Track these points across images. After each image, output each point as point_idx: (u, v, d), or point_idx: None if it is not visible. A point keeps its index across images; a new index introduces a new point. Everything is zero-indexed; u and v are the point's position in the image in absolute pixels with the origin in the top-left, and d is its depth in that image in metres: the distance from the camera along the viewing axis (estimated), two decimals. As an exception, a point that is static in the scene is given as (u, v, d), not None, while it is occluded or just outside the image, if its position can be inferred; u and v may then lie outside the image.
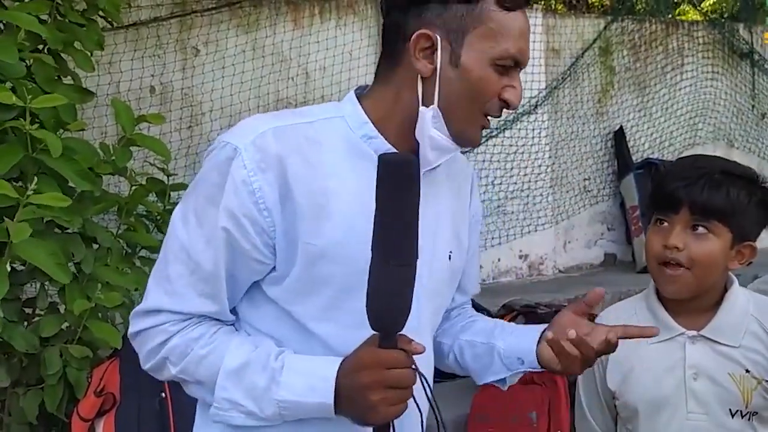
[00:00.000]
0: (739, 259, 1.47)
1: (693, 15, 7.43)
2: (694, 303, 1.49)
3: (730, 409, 1.44)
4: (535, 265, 5.54)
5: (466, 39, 1.12)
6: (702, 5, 7.46)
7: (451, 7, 1.11)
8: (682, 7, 7.55)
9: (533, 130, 5.41)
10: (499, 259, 5.35)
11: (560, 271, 5.70)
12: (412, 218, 0.98)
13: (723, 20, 6.71)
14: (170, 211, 1.24)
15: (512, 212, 5.37)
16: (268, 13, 4.36)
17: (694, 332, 1.48)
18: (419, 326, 1.18)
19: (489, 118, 1.16)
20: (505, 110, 1.16)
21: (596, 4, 7.50)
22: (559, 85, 5.62)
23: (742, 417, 1.44)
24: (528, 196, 5.42)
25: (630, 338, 1.22)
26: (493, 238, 5.27)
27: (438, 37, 1.11)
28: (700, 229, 1.43)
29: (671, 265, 1.44)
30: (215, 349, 1.10)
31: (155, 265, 1.17)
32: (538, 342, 1.25)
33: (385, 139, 1.16)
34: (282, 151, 1.10)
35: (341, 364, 1.05)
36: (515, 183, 5.36)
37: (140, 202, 2.91)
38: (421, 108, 1.15)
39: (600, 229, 5.93)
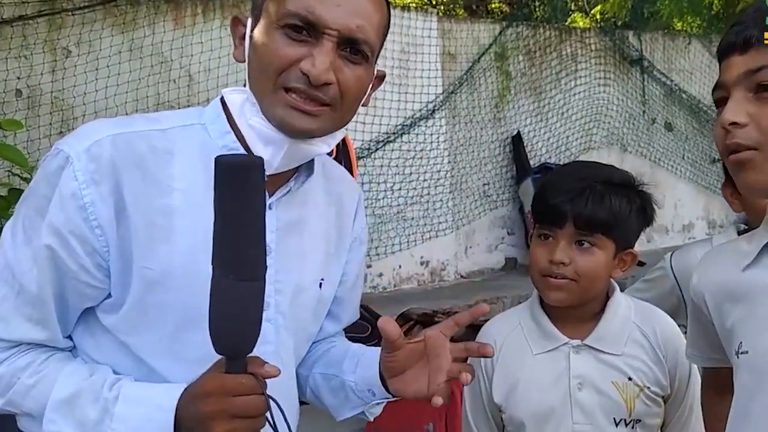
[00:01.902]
0: (622, 266, 1.46)
1: (584, 22, 7.63)
2: (577, 312, 1.46)
3: (614, 418, 1.41)
4: (437, 271, 5.50)
5: (262, 12, 1.01)
6: (591, 12, 7.69)
7: None
8: (573, 15, 7.77)
9: (431, 135, 5.38)
10: (400, 266, 5.28)
11: (462, 277, 5.69)
12: (257, 228, 0.87)
13: (614, 28, 6.91)
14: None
15: (412, 218, 5.31)
16: (146, 12, 4.15)
17: (578, 341, 1.45)
18: (278, 354, 1.09)
19: (299, 95, 0.99)
20: (323, 91, 0.99)
21: (496, 9, 7.62)
22: (457, 90, 5.62)
23: (626, 425, 1.41)
24: (428, 201, 5.38)
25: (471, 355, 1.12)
26: (393, 245, 5.20)
27: (249, 20, 1.04)
28: (586, 243, 1.40)
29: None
30: (44, 377, 0.99)
31: None
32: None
33: (245, 150, 1.04)
34: (120, 162, 0.97)
35: (183, 392, 0.95)
36: (414, 188, 5.32)
37: (0, 215, 2.65)
38: (224, 92, 1.05)
39: (500, 233, 5.96)
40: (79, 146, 0.97)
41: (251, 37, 1.01)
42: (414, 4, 7.00)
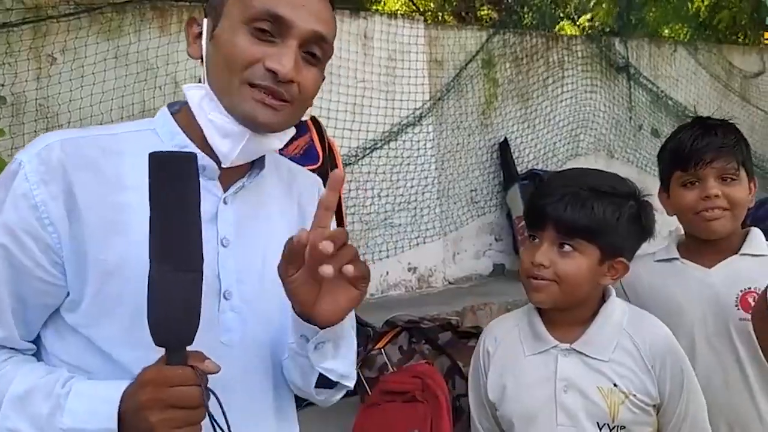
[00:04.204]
0: (612, 274, 1.46)
1: (572, 30, 7.67)
2: (569, 316, 1.48)
3: (597, 423, 1.43)
4: (425, 278, 5.50)
5: (223, 11, 1.07)
6: (579, 20, 7.73)
7: None
8: (561, 23, 7.81)
9: (418, 141, 5.39)
10: (387, 273, 5.27)
11: (450, 283, 5.69)
12: (192, 220, 0.91)
13: (601, 35, 6.95)
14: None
15: (399, 224, 5.31)
16: (131, 19, 4.12)
17: (567, 345, 1.47)
18: (244, 342, 1.11)
19: (263, 91, 1.04)
20: (289, 87, 1.04)
21: (485, 16, 7.64)
22: (444, 97, 5.63)
23: (610, 430, 1.43)
24: (415, 208, 5.38)
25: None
26: (380, 251, 5.19)
27: (205, 20, 1.09)
28: (566, 247, 1.42)
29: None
30: (3, 376, 1.02)
31: None
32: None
33: (197, 147, 1.10)
34: (68, 163, 1.03)
35: (128, 386, 0.97)
36: (402, 195, 5.31)
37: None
38: (184, 88, 1.10)
39: (488, 239, 5.96)
40: (31, 151, 1.03)
41: (212, 36, 1.06)
42: (401, 12, 7.02)
